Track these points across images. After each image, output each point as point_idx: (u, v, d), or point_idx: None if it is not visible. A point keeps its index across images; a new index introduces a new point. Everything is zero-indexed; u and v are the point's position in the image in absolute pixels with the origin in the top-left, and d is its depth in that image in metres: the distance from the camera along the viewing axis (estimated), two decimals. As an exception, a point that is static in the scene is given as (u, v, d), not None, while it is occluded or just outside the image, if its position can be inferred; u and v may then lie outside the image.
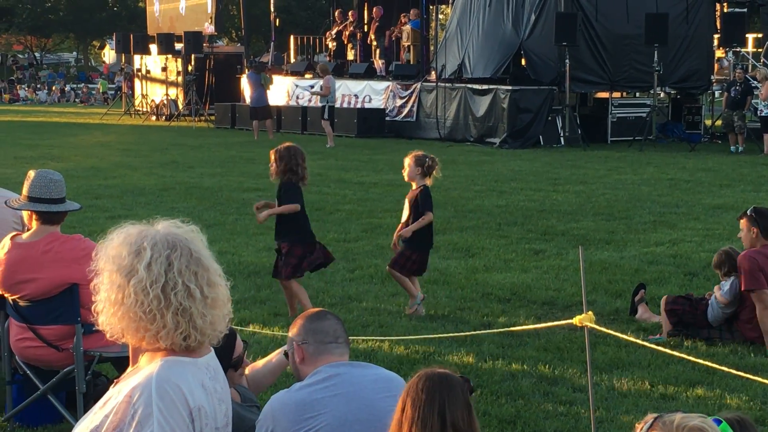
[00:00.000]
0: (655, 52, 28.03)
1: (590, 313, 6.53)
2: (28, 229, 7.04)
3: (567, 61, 28.02)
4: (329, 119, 29.04)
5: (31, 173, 6.97)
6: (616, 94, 31.04)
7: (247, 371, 5.93)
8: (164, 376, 3.70)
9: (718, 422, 3.80)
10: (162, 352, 3.77)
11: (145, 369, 3.77)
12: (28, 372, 7.02)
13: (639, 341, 8.87)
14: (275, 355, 5.98)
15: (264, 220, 10.65)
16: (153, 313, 3.67)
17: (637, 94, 31.71)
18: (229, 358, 5.47)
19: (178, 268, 3.73)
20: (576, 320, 6.63)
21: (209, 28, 42.09)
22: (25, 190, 6.90)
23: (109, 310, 3.73)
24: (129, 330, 3.72)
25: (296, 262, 10.36)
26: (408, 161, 10.51)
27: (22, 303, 6.91)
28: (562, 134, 28.82)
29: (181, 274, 3.72)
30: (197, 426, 3.71)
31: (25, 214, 7.07)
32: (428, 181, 10.53)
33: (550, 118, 28.77)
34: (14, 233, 7.10)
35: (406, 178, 10.67)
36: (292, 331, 5.15)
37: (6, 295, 6.98)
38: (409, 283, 10.63)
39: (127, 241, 3.76)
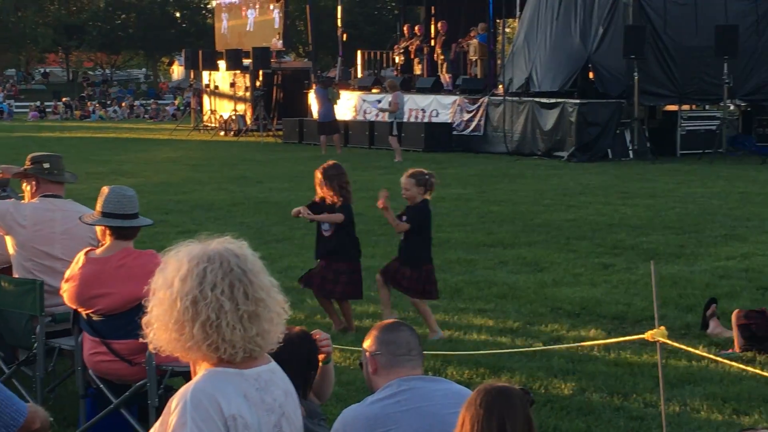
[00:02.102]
0: (725, 64, 27.79)
1: (662, 328, 6.49)
2: (102, 245, 7.11)
3: (635, 74, 27.85)
4: (397, 135, 29.07)
5: (105, 189, 7.04)
6: (686, 107, 30.77)
7: None
8: (201, 386, 3.77)
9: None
10: (208, 365, 3.84)
11: (191, 381, 3.85)
12: (102, 386, 7.09)
13: (711, 356, 8.79)
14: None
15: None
16: (181, 322, 3.75)
17: (707, 107, 31.40)
18: (308, 370, 5.50)
19: (212, 280, 3.80)
20: (648, 335, 6.59)
21: (277, 43, 42.37)
22: (99, 206, 6.98)
23: (153, 324, 3.82)
24: (164, 341, 3.81)
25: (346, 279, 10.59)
26: (406, 182, 10.45)
27: (95, 317, 6.99)
28: (630, 147, 28.63)
29: (215, 286, 3.79)
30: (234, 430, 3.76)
31: (98, 229, 7.15)
32: (428, 196, 10.51)
33: (618, 132, 28.61)
34: (89, 248, 7.19)
35: (406, 198, 10.62)
36: (366, 342, 5.14)
37: (80, 309, 7.06)
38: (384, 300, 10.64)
39: (175, 258, 3.87)
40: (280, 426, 3.97)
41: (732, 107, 31.51)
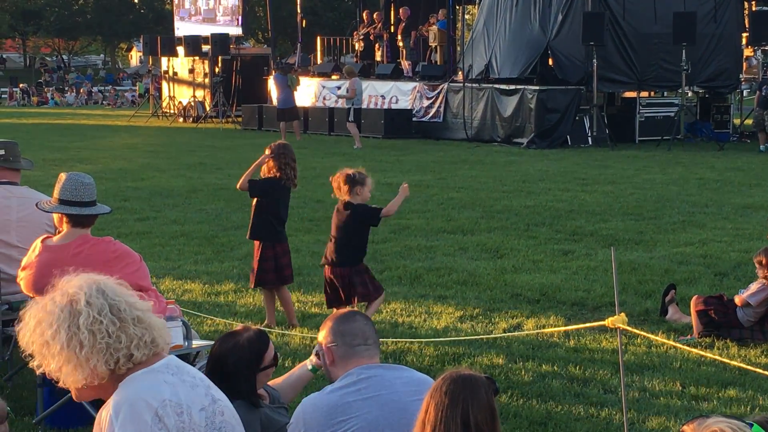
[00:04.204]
0: (683, 51, 27.93)
1: (623, 314, 6.51)
2: (59, 232, 7.05)
3: (594, 60, 27.96)
4: (355, 121, 29.07)
5: (63, 176, 6.97)
6: (644, 94, 30.95)
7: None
8: (122, 395, 3.80)
9: (750, 426, 3.76)
10: (122, 377, 3.86)
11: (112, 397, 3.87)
12: (59, 374, 7.02)
13: (670, 342, 8.84)
14: (296, 369, 5.99)
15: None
16: (117, 334, 3.78)
17: (665, 94, 31.61)
18: (258, 363, 5.47)
19: (110, 292, 3.87)
20: (608, 322, 6.61)
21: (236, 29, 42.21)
22: (56, 193, 6.91)
23: (72, 362, 3.79)
24: (100, 364, 3.79)
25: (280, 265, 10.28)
26: (336, 183, 9.81)
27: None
28: (589, 134, 28.75)
29: (116, 294, 3.87)
30: (170, 416, 3.78)
31: (56, 216, 7.08)
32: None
33: (577, 118, 28.71)
34: (45, 236, 7.12)
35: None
36: (321, 334, 5.14)
37: (37, 297, 6.98)
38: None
39: (51, 305, 3.87)
40: (211, 395, 4.00)
41: (690, 94, 31.71)
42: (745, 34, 31.74)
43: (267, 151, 10.36)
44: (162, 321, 4.00)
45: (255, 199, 10.38)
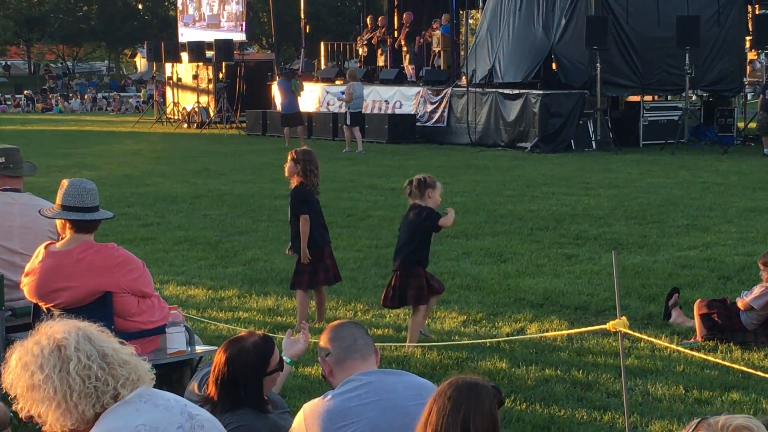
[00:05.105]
0: (687, 54, 27.91)
1: (624, 318, 6.51)
2: (62, 238, 7.06)
3: (598, 64, 27.92)
4: (351, 125, 29.13)
5: (65, 182, 6.99)
6: (648, 98, 30.94)
7: None
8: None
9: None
10: (99, 415, 3.88)
11: None
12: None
13: (673, 346, 8.84)
14: None
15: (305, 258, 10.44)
16: (104, 378, 3.82)
17: (669, 98, 31.56)
18: (264, 368, 5.44)
19: (95, 338, 3.91)
20: (609, 325, 6.61)
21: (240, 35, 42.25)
22: (58, 199, 6.93)
23: (61, 407, 3.82)
24: (88, 408, 3.83)
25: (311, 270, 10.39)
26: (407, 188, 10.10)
27: (56, 311, 6.94)
28: (593, 138, 28.72)
29: (102, 340, 3.92)
30: None
31: (58, 222, 7.10)
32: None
33: (581, 122, 28.67)
34: (48, 242, 7.14)
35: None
36: (319, 348, 5.19)
37: (40, 303, 7.01)
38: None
39: (37, 349, 3.87)
40: (187, 412, 4.02)
41: (694, 98, 31.69)
42: (748, 38, 31.70)
43: (289, 158, 10.39)
44: (146, 363, 4.03)
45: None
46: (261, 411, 5.38)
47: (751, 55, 33.94)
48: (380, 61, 37.28)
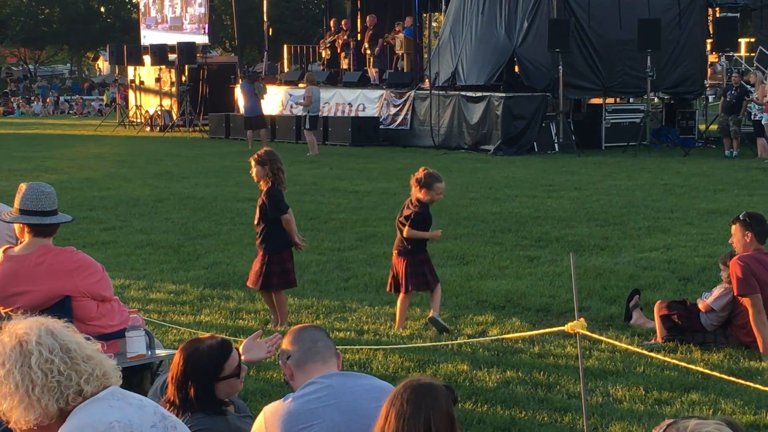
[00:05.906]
0: (648, 57, 28.09)
1: (582, 320, 6.54)
2: (21, 242, 7.03)
3: (560, 67, 28.03)
4: (311, 128, 29.14)
5: (23, 186, 6.96)
6: (610, 100, 31.11)
7: None
8: (69, 428, 3.82)
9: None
10: (69, 413, 3.87)
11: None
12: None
13: (633, 347, 8.88)
14: None
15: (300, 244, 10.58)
16: (68, 372, 3.82)
17: (631, 100, 31.74)
18: (217, 372, 5.37)
19: (58, 333, 3.90)
20: (567, 327, 6.64)
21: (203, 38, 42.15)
22: (16, 203, 6.89)
23: (24, 402, 3.81)
24: (51, 403, 3.82)
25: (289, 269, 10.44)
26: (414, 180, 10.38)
27: (14, 316, 6.89)
28: (556, 141, 28.84)
29: (65, 335, 3.91)
30: None
31: (17, 227, 7.06)
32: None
33: (544, 125, 28.79)
34: (7, 246, 7.10)
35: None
36: (280, 351, 5.19)
37: (-1, 308, 6.97)
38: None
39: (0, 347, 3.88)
40: (160, 413, 4.03)
41: (655, 100, 31.90)
42: (709, 40, 31.94)
43: (252, 162, 10.42)
44: (112, 361, 4.01)
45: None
46: (216, 414, 5.33)
47: (712, 58, 34.17)
48: (344, 64, 37.29)
